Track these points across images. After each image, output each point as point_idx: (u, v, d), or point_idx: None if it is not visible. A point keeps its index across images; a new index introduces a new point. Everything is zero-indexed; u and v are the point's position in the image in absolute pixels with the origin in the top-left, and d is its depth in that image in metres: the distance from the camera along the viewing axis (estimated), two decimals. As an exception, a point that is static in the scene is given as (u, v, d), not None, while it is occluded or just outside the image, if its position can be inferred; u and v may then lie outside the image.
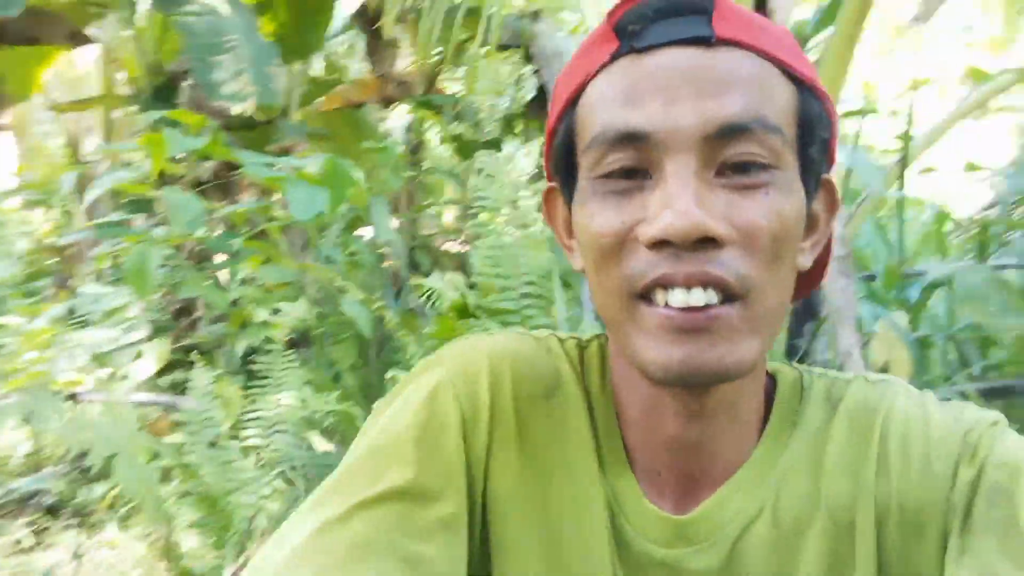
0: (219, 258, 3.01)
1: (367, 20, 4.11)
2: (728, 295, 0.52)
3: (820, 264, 0.61)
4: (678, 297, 0.51)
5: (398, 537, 0.54)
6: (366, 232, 3.15)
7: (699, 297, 0.51)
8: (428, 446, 0.59)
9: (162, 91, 3.62)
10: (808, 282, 0.62)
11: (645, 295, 0.53)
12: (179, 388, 2.63)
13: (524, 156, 4.13)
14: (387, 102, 4.31)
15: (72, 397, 2.79)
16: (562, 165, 0.59)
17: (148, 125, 2.80)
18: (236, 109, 3.16)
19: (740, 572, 0.58)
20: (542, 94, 3.84)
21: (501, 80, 4.21)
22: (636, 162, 0.53)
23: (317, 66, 5.78)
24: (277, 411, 1.91)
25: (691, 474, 0.60)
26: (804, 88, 0.55)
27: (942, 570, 0.55)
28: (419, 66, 4.15)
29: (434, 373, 0.63)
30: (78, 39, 3.67)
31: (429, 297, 2.43)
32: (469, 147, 3.93)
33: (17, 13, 2.51)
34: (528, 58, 3.70)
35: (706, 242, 0.50)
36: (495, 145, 3.79)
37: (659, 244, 0.51)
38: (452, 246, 4.32)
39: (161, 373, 2.96)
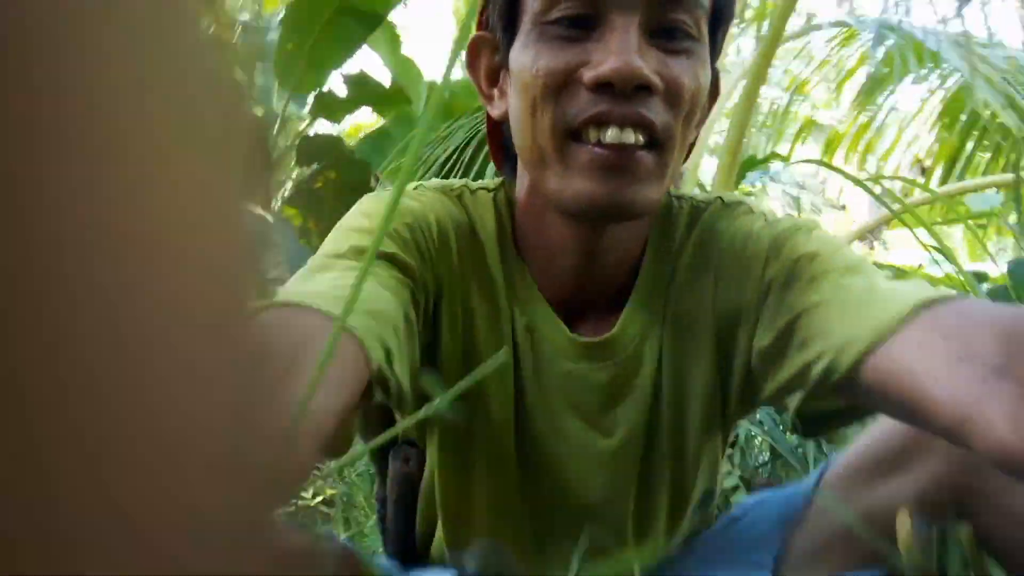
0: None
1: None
2: (651, 140, 0.59)
3: (690, 147, 0.68)
4: (612, 133, 0.57)
5: (395, 286, 0.60)
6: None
7: (630, 136, 0.58)
8: (409, 241, 0.64)
9: None
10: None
11: (578, 132, 0.59)
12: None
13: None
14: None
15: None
16: (504, 13, 0.64)
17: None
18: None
19: (630, 379, 0.69)
20: None
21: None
22: (584, 11, 0.58)
23: None
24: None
25: (593, 300, 0.70)
26: None
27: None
28: None
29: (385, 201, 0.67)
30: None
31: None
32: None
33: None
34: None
35: (641, 89, 0.57)
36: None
37: (601, 86, 0.57)
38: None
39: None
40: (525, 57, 0.61)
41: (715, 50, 0.65)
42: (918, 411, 0.49)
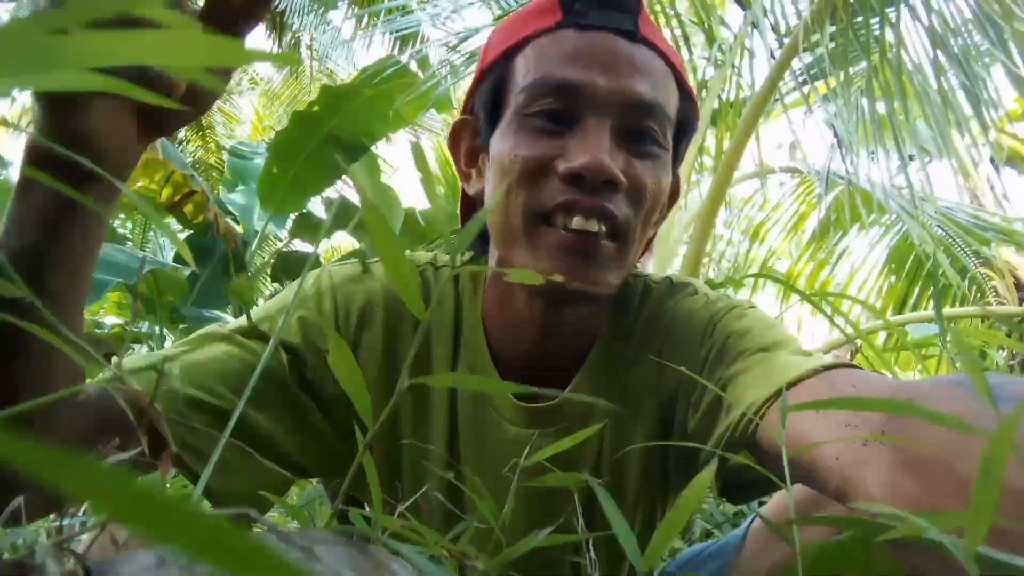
0: None
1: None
2: (613, 231, 0.64)
3: (648, 244, 0.75)
4: (578, 221, 0.63)
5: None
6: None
7: (594, 224, 0.63)
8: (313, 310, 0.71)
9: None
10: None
11: (548, 216, 0.64)
12: None
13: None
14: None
15: None
16: (488, 102, 0.71)
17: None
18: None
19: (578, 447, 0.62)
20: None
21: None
22: (563, 108, 0.65)
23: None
24: None
25: (550, 370, 0.73)
26: (686, 96, 0.71)
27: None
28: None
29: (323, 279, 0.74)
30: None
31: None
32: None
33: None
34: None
35: (608, 184, 0.63)
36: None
37: (573, 178, 0.63)
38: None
39: None
40: (505, 144, 0.67)
41: (677, 158, 0.72)
42: (810, 473, 0.51)
